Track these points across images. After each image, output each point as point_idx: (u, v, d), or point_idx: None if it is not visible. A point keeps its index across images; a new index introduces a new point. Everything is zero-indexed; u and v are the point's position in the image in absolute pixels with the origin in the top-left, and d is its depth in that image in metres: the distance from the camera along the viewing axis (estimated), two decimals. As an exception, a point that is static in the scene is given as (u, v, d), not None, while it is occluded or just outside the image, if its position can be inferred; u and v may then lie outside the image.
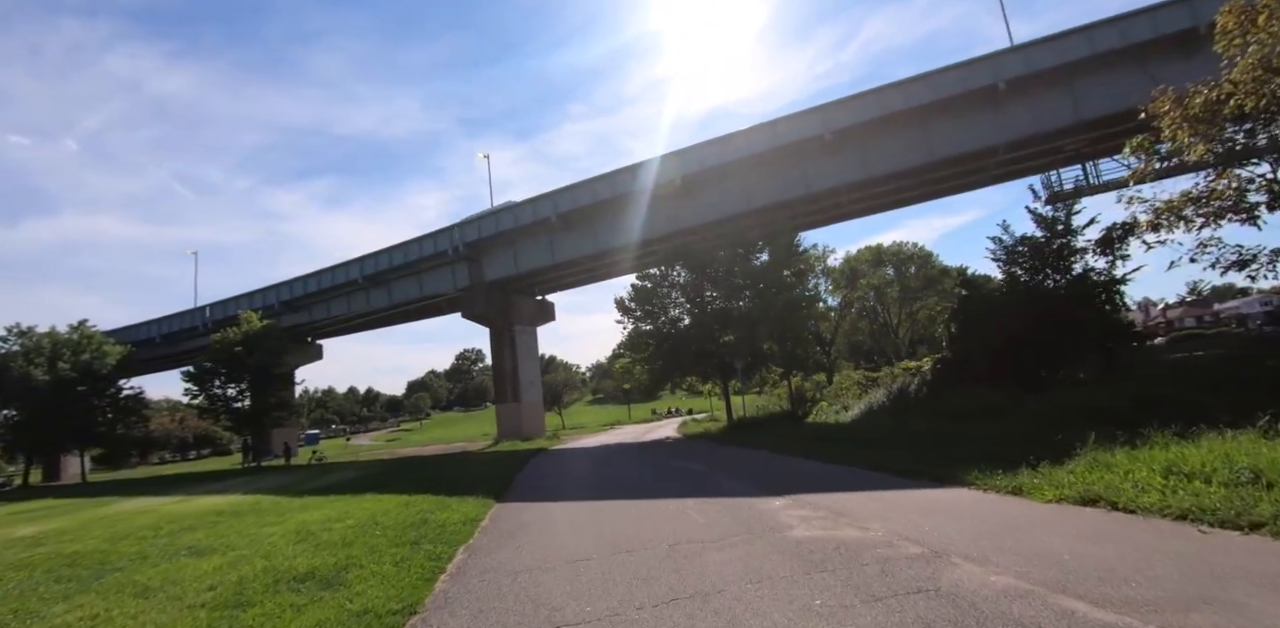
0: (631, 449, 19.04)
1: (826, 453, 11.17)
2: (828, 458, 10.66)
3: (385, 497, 10.69)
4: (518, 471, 14.53)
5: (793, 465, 10.63)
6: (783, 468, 10.47)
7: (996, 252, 16.25)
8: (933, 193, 31.45)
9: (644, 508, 7.67)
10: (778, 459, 11.68)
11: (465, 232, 32.83)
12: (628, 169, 29.15)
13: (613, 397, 69.35)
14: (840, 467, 9.68)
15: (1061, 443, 7.49)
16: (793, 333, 19.53)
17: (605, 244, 30.49)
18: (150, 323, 44.50)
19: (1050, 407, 11.54)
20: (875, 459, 9.59)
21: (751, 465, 11.30)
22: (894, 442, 10.98)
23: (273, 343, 28.16)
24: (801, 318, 20.09)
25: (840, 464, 9.90)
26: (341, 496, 11.77)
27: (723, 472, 10.60)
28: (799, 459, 11.22)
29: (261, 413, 28.30)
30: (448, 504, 9.24)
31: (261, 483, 17.59)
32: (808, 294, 21.16)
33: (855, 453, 10.63)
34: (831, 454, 10.94)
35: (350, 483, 14.46)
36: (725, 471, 10.73)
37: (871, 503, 6.58)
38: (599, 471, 13.32)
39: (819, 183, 26.60)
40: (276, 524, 8.72)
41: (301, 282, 38.37)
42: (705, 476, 10.40)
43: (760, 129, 26.68)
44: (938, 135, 25.10)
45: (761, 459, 12.11)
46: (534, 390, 35.25)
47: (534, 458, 18.26)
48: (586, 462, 15.76)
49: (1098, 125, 24.72)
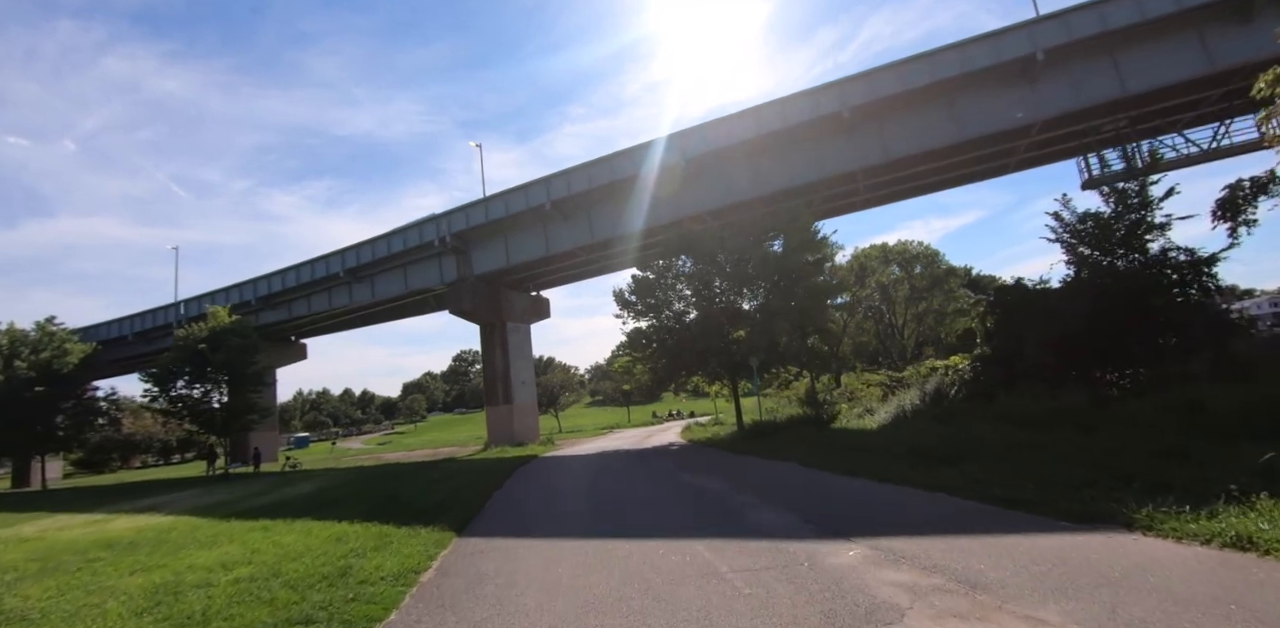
0: (633, 458, 16.75)
1: (876, 468, 8.89)
2: (880, 476, 8.37)
3: (321, 525, 8.41)
4: (498, 485, 12.26)
5: (839, 486, 8.33)
6: (828, 489, 8.17)
7: (1057, 229, 13.99)
8: (954, 180, 29.19)
9: (653, 557, 5.38)
10: (816, 477, 9.36)
11: (453, 221, 30.52)
12: (627, 152, 26.89)
13: (612, 399, 67.01)
14: (907, 490, 7.38)
15: (1204, 459, 5.31)
16: (815, 325, 17.27)
17: (603, 234, 28.21)
18: (122, 320, 42.04)
19: (1153, 411, 9.31)
20: (951, 480, 7.32)
21: (785, 484, 9.00)
22: (963, 455, 8.71)
23: (240, 339, 25.83)
24: (826, 308, 17.82)
25: (904, 486, 7.61)
26: (273, 520, 9.49)
27: (751, 493, 8.30)
28: (843, 477, 8.92)
29: (230, 416, 26.03)
30: (392, 539, 6.98)
31: (206, 497, 15.29)
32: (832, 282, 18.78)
33: (917, 469, 8.36)
34: (884, 470, 8.66)
35: (298, 501, 12.18)
36: (754, 491, 8.43)
37: (1005, 560, 4.30)
38: (595, 487, 11.02)
39: (834, 166, 24.37)
40: (151, 571, 6.44)
41: (280, 276, 36.00)
42: (729, 499, 8.09)
43: (771, 106, 24.45)
44: (966, 112, 22.88)
45: (794, 475, 9.80)
46: (527, 392, 32.92)
47: (521, 468, 15.97)
48: (580, 475, 13.46)
49: (1144, 100, 22.59)
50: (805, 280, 17.11)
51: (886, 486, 7.81)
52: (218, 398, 26.42)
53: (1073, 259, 13.70)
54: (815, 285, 17.17)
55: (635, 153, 26.63)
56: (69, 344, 32.53)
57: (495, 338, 31.91)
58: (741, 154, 25.06)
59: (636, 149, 26.66)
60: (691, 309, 21.48)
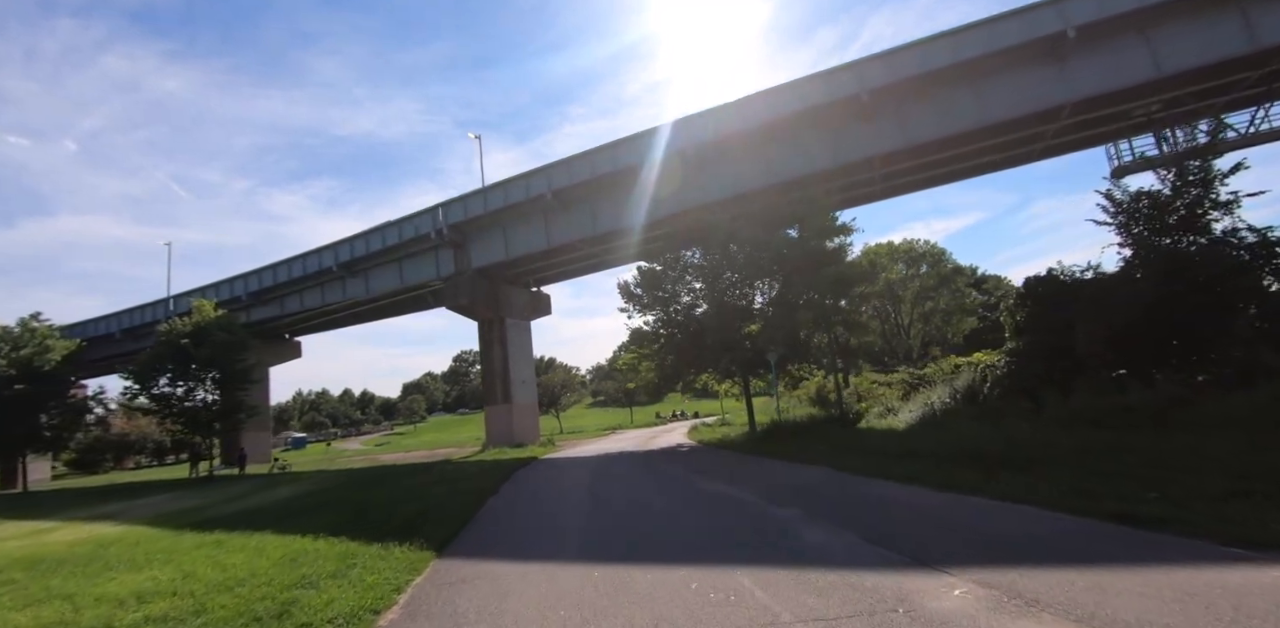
0: (640, 461, 15.47)
1: (930, 475, 7.61)
2: (942, 483, 7.09)
3: (280, 541, 7.15)
4: (492, 491, 10.99)
5: (893, 496, 7.01)
6: (881, 500, 6.85)
7: (1110, 208, 12.69)
8: (974, 169, 27.87)
9: (683, 593, 4.07)
10: (860, 484, 8.05)
11: (450, 212, 29.28)
12: (631, 139, 25.64)
13: (614, 399, 65.69)
14: (981, 502, 6.07)
15: None
16: (841, 316, 15.94)
17: (606, 226, 26.95)
18: (110, 317, 40.78)
19: (1248, 409, 8.02)
20: (1034, 489, 6.04)
21: (825, 493, 7.70)
22: (1033, 459, 7.44)
23: (227, 335, 24.56)
24: (853, 297, 16.49)
25: (975, 496, 6.31)
26: (231, 533, 8.22)
27: (788, 504, 6.98)
28: (893, 485, 7.62)
29: (215, 415, 24.76)
30: (357, 561, 5.71)
31: (176, 503, 14.02)
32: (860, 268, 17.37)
33: (982, 476, 7.07)
34: (942, 477, 7.38)
35: (270, 508, 10.92)
36: (791, 502, 7.12)
37: (1192, 608, 3.02)
38: (601, 495, 9.74)
39: (851, 152, 23.10)
40: (50, 602, 5.17)
41: (271, 270, 34.74)
42: (764, 512, 6.79)
43: (785, 90, 23.19)
44: (991, 95, 21.63)
45: (832, 483, 8.50)
46: (527, 391, 31.62)
47: (519, 472, 14.69)
48: (584, 480, 12.18)
49: (1178, 82, 21.30)
50: (828, 268, 15.78)
51: (954, 496, 6.50)
52: (203, 396, 25.17)
53: (1127, 241, 12.41)
54: (840, 272, 15.83)
55: (640, 140, 25.40)
56: (51, 341, 31.26)
57: (494, 335, 30.64)
58: (753, 141, 23.82)
59: (641, 136, 25.43)
60: (701, 302, 20.20)
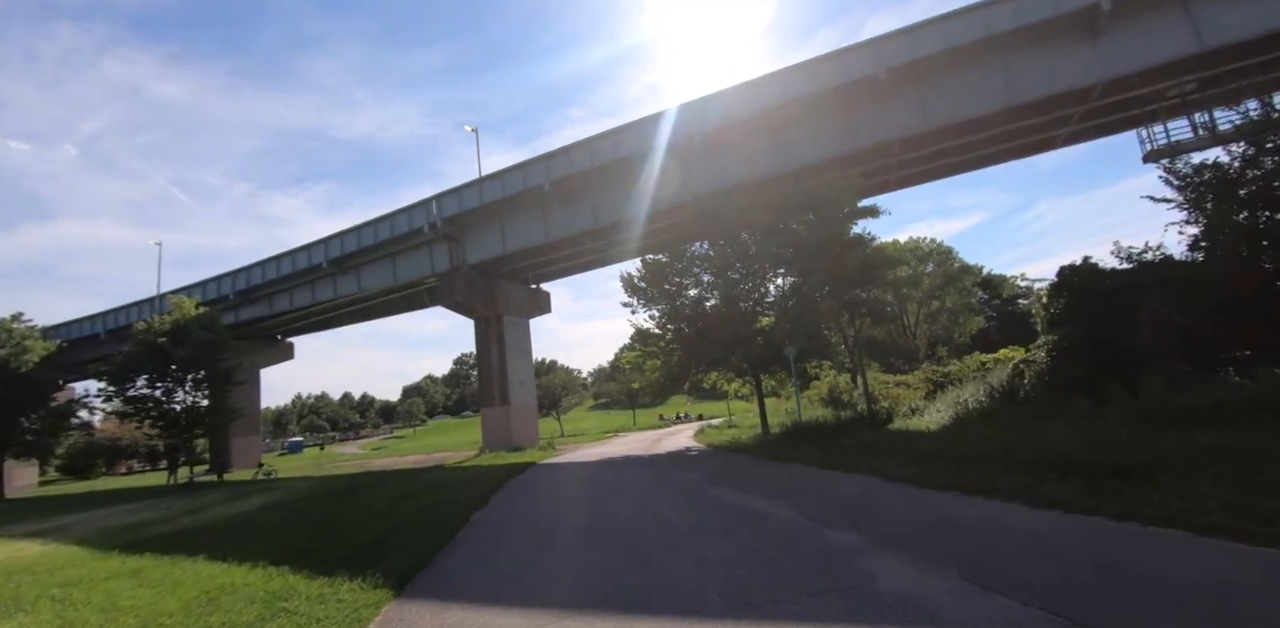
0: (648, 467, 14.02)
1: (1010, 485, 6.17)
2: (1033, 497, 5.61)
3: (210, 571, 5.72)
4: (481, 503, 9.57)
5: (985, 517, 5.49)
6: (970, 521, 5.33)
7: (1174, 182, 11.24)
8: (996, 156, 26.40)
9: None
10: (929, 499, 6.53)
11: (444, 204, 27.89)
12: (635, 125, 24.25)
13: (616, 401, 64.20)
14: (1109, 524, 4.60)
15: None
16: (867, 307, 14.44)
17: (608, 217, 25.55)
18: (94, 317, 39.39)
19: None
20: (1167, 504, 4.62)
21: (890, 513, 6.17)
22: (1152, 467, 6.00)
23: (206, 333, 23.17)
24: (886, 283, 15.01)
25: (1093, 515, 4.87)
26: (161, 558, 6.80)
27: (847, 528, 5.48)
28: (972, 499, 6.14)
29: (194, 418, 23.35)
30: (289, 604, 4.28)
31: (133, 515, 12.57)
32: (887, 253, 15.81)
33: (1087, 488, 5.64)
34: (1025, 488, 5.93)
35: (223, 524, 9.48)
36: (850, 525, 5.63)
37: None
38: (605, 510, 8.30)
39: (869, 136, 21.71)
40: None
41: (259, 268, 33.34)
42: (813, 536, 5.31)
43: (798, 70, 21.81)
44: (1019, 73, 20.24)
45: (889, 496, 7.01)
46: (526, 392, 30.17)
47: (514, 480, 13.26)
48: (586, 490, 10.75)
49: (1219, 59, 19.93)
50: (854, 252, 14.29)
51: (1062, 516, 5.03)
52: (183, 398, 23.76)
53: (1196, 218, 10.97)
54: (869, 257, 14.36)
55: (644, 126, 24.01)
56: (30, 341, 29.91)
57: (491, 333, 29.21)
58: (764, 125, 22.43)
59: (645, 122, 24.04)
60: (712, 295, 18.76)
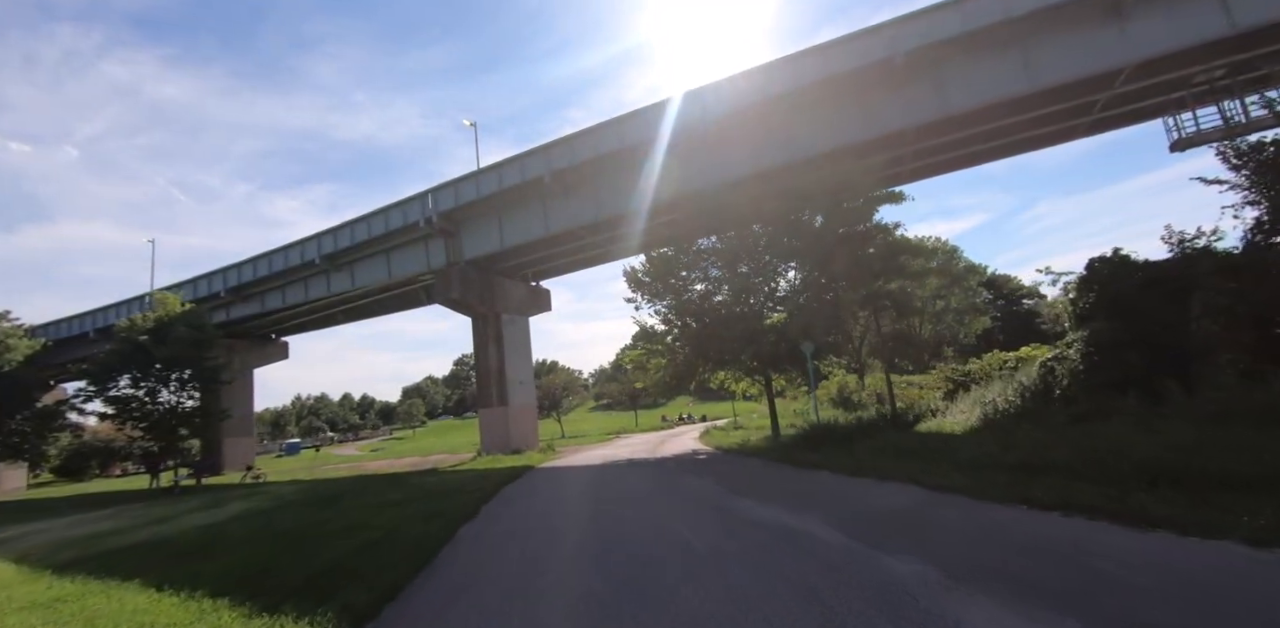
0: (655, 472, 13.02)
1: (1090, 499, 5.17)
2: (1124, 514, 4.65)
3: (136, 602, 4.75)
4: (471, 515, 8.59)
5: (1077, 539, 4.46)
6: (1060, 545, 4.30)
7: (1232, 161, 10.25)
8: (1014, 146, 25.27)
9: None
10: (994, 514, 5.48)
11: (440, 198, 26.91)
12: (639, 113, 23.27)
13: (618, 402, 63.20)
14: (1262, 556, 3.67)
15: None
16: (891, 299, 13.37)
17: (610, 210, 24.53)
18: (83, 316, 38.41)
19: None
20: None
21: (954, 532, 5.15)
22: (1243, 477, 5.02)
23: (193, 331, 22.19)
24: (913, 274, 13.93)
25: (1224, 538, 3.90)
26: (90, 583, 5.82)
27: (905, 552, 4.47)
28: (1049, 516, 5.15)
29: (180, 419, 22.39)
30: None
31: (92, 525, 11.57)
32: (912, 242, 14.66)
33: (1189, 502, 4.65)
34: (1107, 501, 4.94)
35: (181, 538, 8.48)
36: (906, 547, 4.63)
37: None
38: (611, 525, 7.28)
39: (883, 123, 20.71)
40: None
41: (250, 264, 32.37)
42: (871, 568, 4.26)
43: (809, 55, 20.82)
44: (1041, 57, 19.24)
45: (949, 511, 5.97)
46: (525, 392, 29.17)
47: (510, 487, 12.26)
48: (587, 499, 9.74)
49: (1253, 41, 18.95)
50: (882, 237, 13.27)
51: (1175, 539, 4.05)
52: (167, 398, 22.80)
53: (1259, 198, 9.97)
54: (895, 243, 13.34)
55: (648, 114, 23.02)
56: (13, 340, 29.00)
57: (489, 331, 28.23)
58: (773, 113, 21.42)
59: (649, 110, 23.05)
60: (720, 291, 17.75)
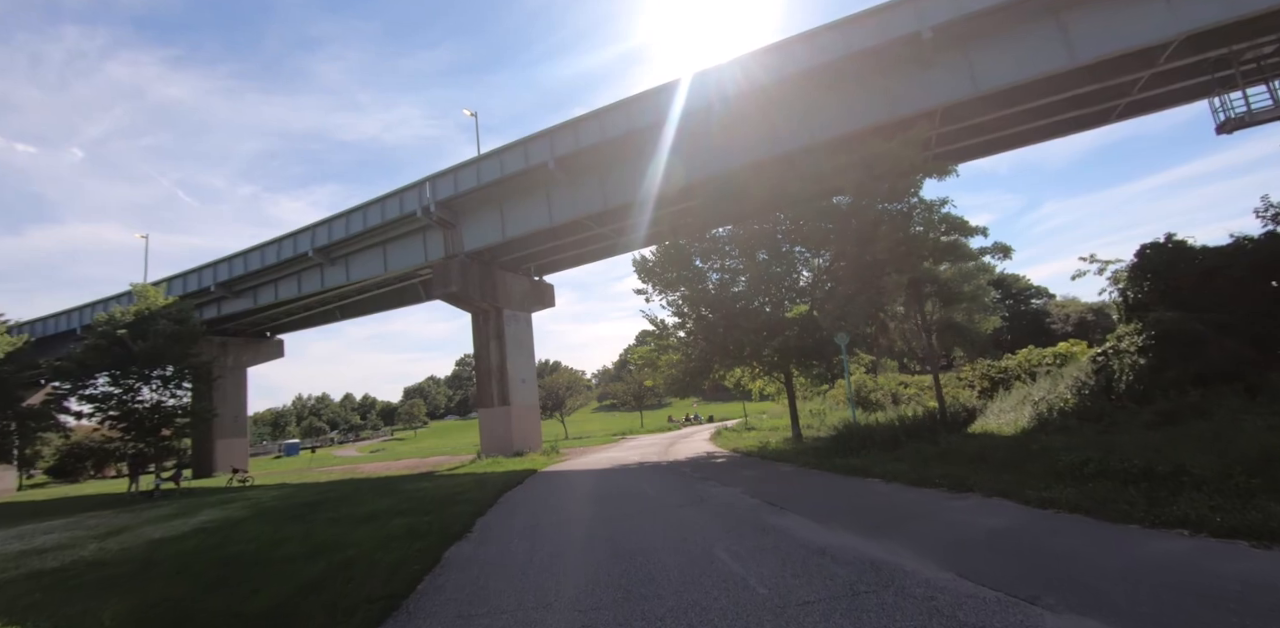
0: (671, 479, 11.69)
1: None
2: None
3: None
4: (460, 532, 7.30)
5: None
6: None
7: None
8: (1045, 131, 23.76)
9: None
10: (1156, 548, 4.09)
11: (438, 186, 25.59)
12: (648, 95, 21.87)
13: (622, 402, 61.78)
14: None
15: None
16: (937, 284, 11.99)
17: (618, 198, 23.18)
18: (70, 312, 37.08)
19: None
20: None
21: (1116, 571, 3.80)
22: None
23: (171, 325, 20.87)
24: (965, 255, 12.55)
25: None
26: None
27: (1067, 610, 3.20)
28: (1236, 547, 3.83)
29: (162, 419, 21.12)
30: None
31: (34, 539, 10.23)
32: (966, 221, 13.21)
33: None
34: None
35: (122, 559, 7.18)
36: (1079, 602, 3.28)
37: None
38: (629, 548, 5.94)
39: (909, 103, 19.35)
40: None
41: (241, 258, 31.07)
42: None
43: (829, 31, 19.46)
44: (1080, 31, 17.84)
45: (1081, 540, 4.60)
46: (528, 391, 27.83)
47: (509, 494, 10.95)
48: (597, 512, 8.41)
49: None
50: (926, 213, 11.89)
51: None
52: (149, 396, 21.53)
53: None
54: (948, 219, 11.95)
55: (657, 97, 21.63)
56: (-7, 337, 27.84)
57: (490, 327, 26.93)
58: (792, 93, 20.04)
59: (658, 92, 21.66)
60: (738, 281, 16.38)
